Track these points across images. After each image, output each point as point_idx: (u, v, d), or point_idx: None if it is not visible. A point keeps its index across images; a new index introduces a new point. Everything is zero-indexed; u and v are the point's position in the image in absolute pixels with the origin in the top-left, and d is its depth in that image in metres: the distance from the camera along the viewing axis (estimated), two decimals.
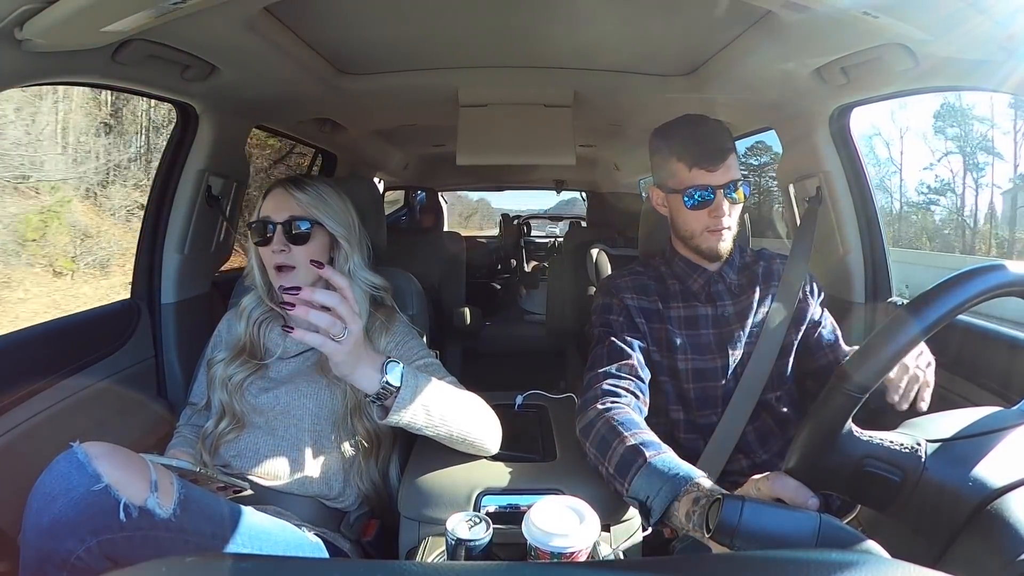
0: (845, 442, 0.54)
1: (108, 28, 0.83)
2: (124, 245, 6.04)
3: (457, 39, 1.26)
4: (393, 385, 0.81)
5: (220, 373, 1.07)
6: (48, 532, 0.66)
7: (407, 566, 0.40)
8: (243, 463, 1.01)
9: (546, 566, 0.55)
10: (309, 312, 0.72)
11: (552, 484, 0.89)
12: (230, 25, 0.99)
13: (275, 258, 1.03)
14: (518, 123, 1.54)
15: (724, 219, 1.03)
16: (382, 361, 0.81)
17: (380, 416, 0.83)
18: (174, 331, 1.48)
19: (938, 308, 0.51)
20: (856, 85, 1.18)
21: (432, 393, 0.86)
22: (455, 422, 0.89)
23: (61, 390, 1.16)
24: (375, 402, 0.82)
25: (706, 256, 1.07)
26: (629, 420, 0.88)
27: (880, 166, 16.80)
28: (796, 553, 0.39)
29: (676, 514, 0.73)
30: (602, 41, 1.24)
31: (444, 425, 0.88)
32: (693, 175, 1.02)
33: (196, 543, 0.75)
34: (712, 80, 1.36)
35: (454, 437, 0.90)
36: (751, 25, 1.08)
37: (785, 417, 1.07)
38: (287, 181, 1.08)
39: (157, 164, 1.53)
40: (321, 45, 1.25)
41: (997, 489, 0.49)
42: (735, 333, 1.07)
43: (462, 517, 0.71)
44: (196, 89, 1.27)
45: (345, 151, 2.47)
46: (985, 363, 1.09)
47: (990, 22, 0.78)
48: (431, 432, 0.87)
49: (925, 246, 14.91)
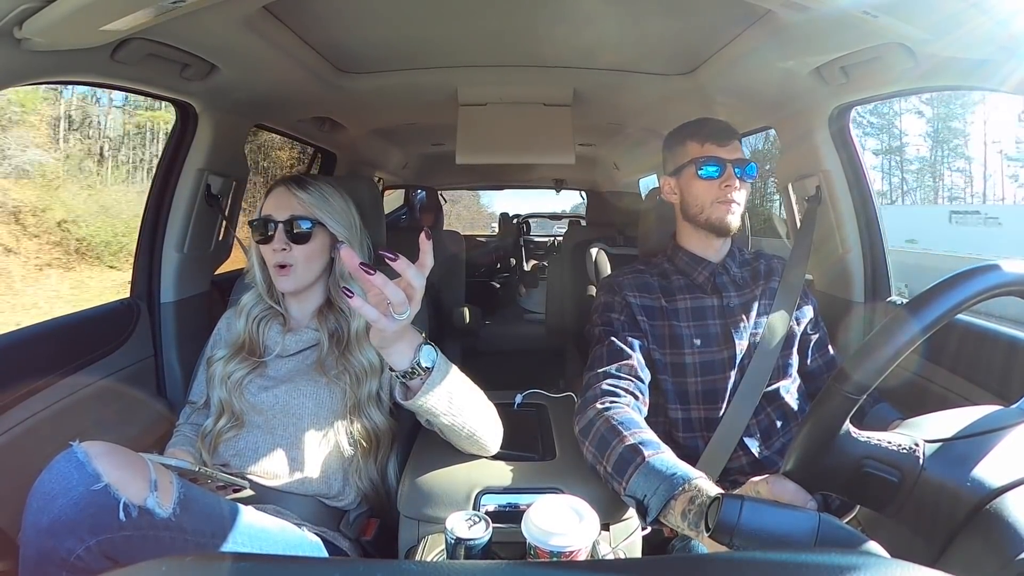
0: (843, 443, 0.54)
1: (107, 27, 0.83)
2: None
3: (457, 38, 1.26)
4: (424, 366, 0.80)
5: (219, 371, 1.07)
6: (48, 531, 0.66)
7: (407, 565, 0.40)
8: (242, 462, 1.01)
9: (545, 565, 0.55)
10: (387, 285, 0.69)
11: (551, 483, 0.89)
12: (229, 24, 0.99)
13: (276, 257, 1.04)
14: (517, 122, 1.54)
15: (734, 192, 1.06)
16: (419, 341, 0.81)
17: (403, 396, 0.83)
18: (173, 330, 1.48)
19: (937, 308, 0.51)
20: (856, 84, 1.18)
21: (457, 383, 0.86)
22: (470, 416, 0.89)
23: (61, 389, 1.16)
24: (401, 380, 0.82)
25: (716, 229, 1.09)
26: (629, 420, 0.88)
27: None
28: (795, 553, 0.39)
29: (672, 513, 0.73)
30: (602, 40, 1.24)
31: (460, 416, 0.87)
32: (706, 148, 1.08)
33: (196, 542, 0.75)
34: (712, 79, 1.36)
35: (463, 431, 0.89)
36: (751, 25, 1.08)
37: (788, 411, 1.08)
38: (289, 180, 1.08)
39: (157, 163, 1.53)
40: (320, 44, 1.25)
41: (996, 489, 0.49)
42: (740, 324, 1.08)
43: (461, 516, 0.71)
44: (195, 88, 1.26)
45: (344, 150, 2.46)
46: (985, 363, 1.09)
47: (991, 22, 0.78)
48: (446, 421, 0.86)
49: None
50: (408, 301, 0.71)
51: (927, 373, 1.19)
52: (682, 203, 1.13)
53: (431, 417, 0.86)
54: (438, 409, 0.84)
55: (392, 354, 0.79)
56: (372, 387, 1.05)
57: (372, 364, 1.05)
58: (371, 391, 1.05)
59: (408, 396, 0.82)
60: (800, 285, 1.15)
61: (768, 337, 1.08)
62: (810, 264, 1.27)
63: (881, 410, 1.05)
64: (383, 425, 1.05)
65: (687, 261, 1.14)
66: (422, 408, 0.83)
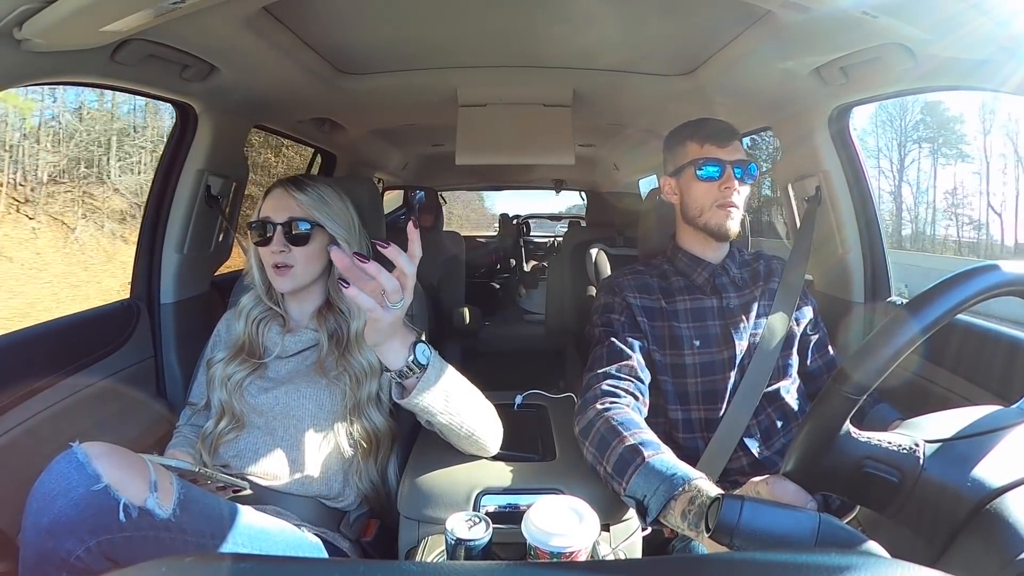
0: (843, 443, 0.54)
1: (107, 28, 0.83)
2: None
3: (456, 39, 1.26)
4: (420, 364, 0.80)
5: (219, 372, 1.07)
6: (48, 532, 0.66)
7: (407, 566, 0.40)
8: (242, 463, 1.01)
9: (545, 566, 0.55)
10: (381, 272, 0.71)
11: (551, 484, 0.89)
12: (229, 25, 0.99)
13: (274, 257, 1.04)
14: (517, 123, 1.54)
15: (733, 195, 1.06)
16: (414, 339, 0.81)
17: (398, 395, 0.83)
18: (173, 331, 1.48)
19: (937, 308, 0.51)
20: (856, 85, 1.18)
21: (454, 381, 0.86)
22: (468, 415, 0.88)
23: (61, 390, 1.16)
24: (397, 379, 0.82)
25: (714, 234, 1.09)
26: (629, 420, 0.88)
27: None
28: (795, 553, 0.39)
29: (672, 513, 0.73)
30: (601, 41, 1.24)
31: (458, 415, 0.87)
32: (706, 149, 1.08)
33: (196, 543, 0.75)
34: (712, 80, 1.36)
35: (462, 430, 0.89)
36: (751, 25, 1.08)
37: (788, 411, 1.07)
38: (287, 181, 1.08)
39: (157, 164, 1.53)
40: (320, 45, 1.25)
41: (996, 489, 0.49)
42: (740, 324, 1.08)
43: (462, 517, 0.71)
44: (195, 89, 1.26)
45: (344, 151, 2.46)
46: (985, 363, 1.09)
47: (991, 22, 0.78)
48: (444, 420, 0.86)
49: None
50: (402, 289, 0.72)
51: (927, 373, 1.19)
52: (682, 204, 1.13)
53: (428, 416, 0.85)
54: (435, 408, 0.84)
55: (387, 352, 0.79)
56: (372, 388, 1.05)
57: (372, 365, 1.05)
58: (371, 392, 1.05)
59: (404, 395, 0.82)
60: (800, 286, 1.15)
61: (768, 338, 1.08)
62: (810, 264, 1.27)
63: (881, 410, 1.05)
64: (383, 426, 1.05)
65: (687, 262, 1.14)
66: (418, 407, 0.83)
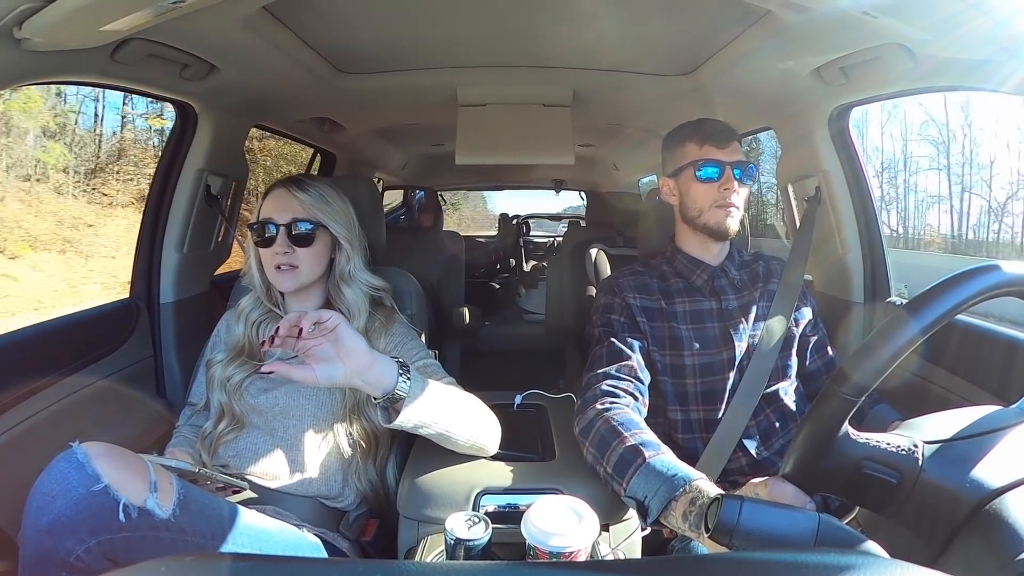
0: (842, 444, 0.54)
1: (107, 27, 0.83)
2: None
3: (456, 39, 1.26)
4: (400, 393, 0.80)
5: (219, 374, 1.07)
6: (47, 532, 0.66)
7: (406, 566, 0.40)
8: (242, 463, 1.01)
9: (545, 566, 0.55)
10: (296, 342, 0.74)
11: (551, 484, 0.89)
12: (229, 24, 0.99)
13: (278, 259, 1.02)
14: (517, 122, 1.54)
15: (732, 195, 1.06)
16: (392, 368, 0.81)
17: (384, 420, 0.83)
18: (173, 330, 1.48)
19: (936, 308, 0.51)
20: (856, 85, 1.18)
21: (436, 396, 0.86)
22: (457, 425, 0.89)
23: (60, 389, 1.16)
24: (381, 406, 0.82)
25: (714, 233, 1.09)
26: (629, 420, 0.88)
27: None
28: (795, 553, 0.39)
29: (673, 514, 0.73)
30: (602, 40, 1.24)
31: (446, 428, 0.87)
32: (704, 150, 1.08)
33: (195, 543, 0.75)
34: (711, 80, 1.36)
35: (455, 439, 0.89)
36: (751, 25, 1.08)
37: (787, 412, 1.08)
38: (289, 181, 1.07)
39: (156, 163, 1.53)
40: (320, 45, 1.25)
41: (995, 489, 0.49)
42: (739, 326, 1.08)
43: (461, 517, 0.71)
44: (195, 88, 1.26)
45: (344, 150, 2.46)
46: (985, 363, 1.09)
47: (991, 22, 0.78)
48: (432, 432, 0.87)
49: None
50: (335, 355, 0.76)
51: (927, 374, 1.19)
52: (681, 205, 1.13)
53: (419, 431, 0.86)
54: (420, 426, 0.84)
55: (369, 387, 0.79)
56: None
57: None
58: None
59: (390, 419, 0.82)
60: (799, 286, 1.14)
61: (767, 339, 1.07)
62: (810, 265, 1.27)
63: (880, 411, 1.05)
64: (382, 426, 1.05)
65: (686, 264, 1.13)
66: (405, 428, 0.83)
